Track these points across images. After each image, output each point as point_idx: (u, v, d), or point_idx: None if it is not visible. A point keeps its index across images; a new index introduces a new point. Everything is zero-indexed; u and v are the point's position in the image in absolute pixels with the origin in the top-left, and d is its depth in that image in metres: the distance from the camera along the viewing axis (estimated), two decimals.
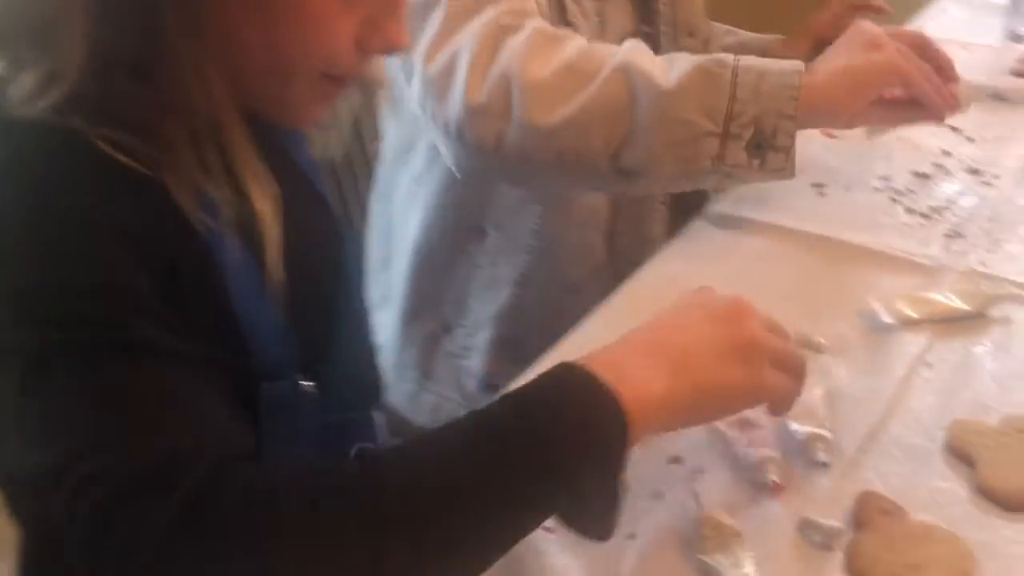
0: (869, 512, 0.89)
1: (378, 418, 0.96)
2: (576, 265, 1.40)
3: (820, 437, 0.94)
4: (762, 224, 1.29)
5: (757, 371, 0.81)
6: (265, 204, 0.76)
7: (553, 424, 0.70)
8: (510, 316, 1.40)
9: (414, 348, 1.45)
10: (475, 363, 1.43)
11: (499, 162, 1.14)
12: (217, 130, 0.75)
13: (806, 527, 0.88)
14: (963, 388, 1.03)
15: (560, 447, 0.70)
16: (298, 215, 0.81)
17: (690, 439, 0.98)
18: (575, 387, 0.73)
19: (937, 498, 0.91)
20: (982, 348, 1.08)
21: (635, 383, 0.73)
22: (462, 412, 1.44)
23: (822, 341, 1.08)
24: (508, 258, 1.38)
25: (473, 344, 1.42)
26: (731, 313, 0.82)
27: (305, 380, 0.83)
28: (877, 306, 1.11)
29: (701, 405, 0.80)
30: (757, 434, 0.96)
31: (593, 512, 0.74)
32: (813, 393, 0.97)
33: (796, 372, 0.86)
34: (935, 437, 0.97)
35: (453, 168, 1.20)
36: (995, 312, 1.11)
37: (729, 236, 1.28)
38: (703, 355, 0.78)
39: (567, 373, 0.74)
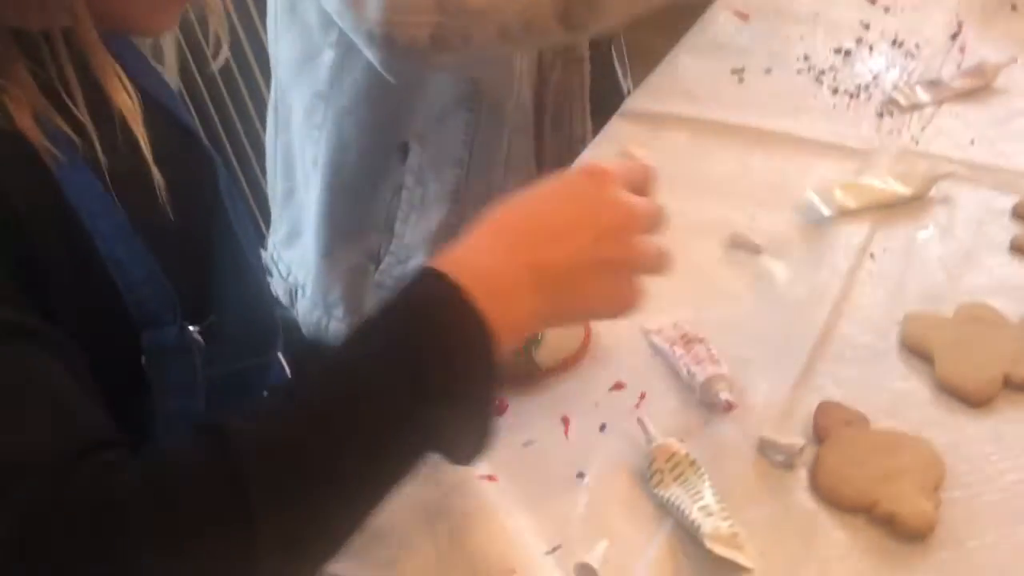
0: (830, 424, 0.83)
1: (277, 363, 0.89)
2: (509, 174, 1.31)
3: (720, 377, 0.86)
4: (683, 117, 1.21)
5: (623, 280, 0.74)
6: (127, 100, 0.70)
7: (421, 352, 0.64)
8: (446, 237, 1.30)
9: (339, 283, 1.35)
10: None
11: (437, 55, 1.07)
12: (70, 33, 0.67)
13: (766, 447, 0.82)
14: (911, 278, 0.97)
15: (429, 372, 0.63)
16: (162, 148, 0.73)
17: (630, 362, 0.91)
18: (442, 306, 0.66)
19: (899, 402, 0.85)
20: (926, 233, 1.02)
21: (502, 305, 0.67)
22: None
23: (759, 242, 1.01)
24: (437, 174, 1.28)
25: (407, 272, 1.33)
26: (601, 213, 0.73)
27: (192, 327, 0.75)
28: (814, 198, 1.05)
29: (565, 316, 0.77)
30: (700, 350, 0.89)
31: (466, 435, 0.67)
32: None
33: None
34: (888, 335, 0.91)
35: (386, 74, 1.11)
36: (936, 193, 1.05)
37: (649, 133, 1.19)
38: (573, 272, 0.71)
39: (434, 289, 0.67)
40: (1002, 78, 1.20)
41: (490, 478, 0.81)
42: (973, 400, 0.85)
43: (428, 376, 0.62)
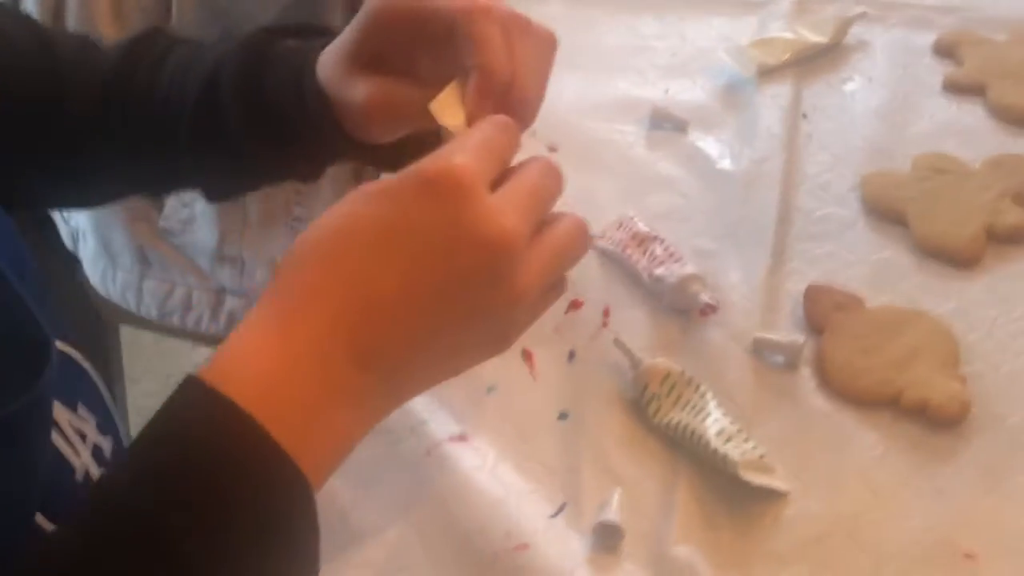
0: (822, 311, 0.74)
1: (46, 403, 0.55)
2: None
3: (694, 277, 0.75)
4: None
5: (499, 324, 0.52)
6: None
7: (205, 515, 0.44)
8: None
9: (120, 229, 1.23)
10: (201, 235, 1.22)
11: None
12: None
13: (762, 347, 0.72)
14: (852, 136, 0.88)
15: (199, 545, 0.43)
16: None
17: (581, 274, 0.79)
18: (218, 449, 0.45)
19: (882, 274, 0.77)
20: (853, 84, 0.93)
21: (313, 425, 0.47)
22: (197, 295, 1.25)
23: (683, 117, 0.90)
24: None
25: (193, 214, 1.21)
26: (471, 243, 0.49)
27: None
28: (728, 60, 0.94)
29: (413, 394, 0.53)
30: (657, 248, 0.78)
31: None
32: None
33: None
34: (848, 201, 0.83)
35: None
36: (851, 39, 0.97)
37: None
38: (416, 349, 0.50)
39: (206, 419, 0.46)
40: None
41: (461, 438, 0.68)
42: (960, 260, 0.77)
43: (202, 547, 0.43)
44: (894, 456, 0.66)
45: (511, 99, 0.57)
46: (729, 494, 0.65)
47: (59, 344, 0.56)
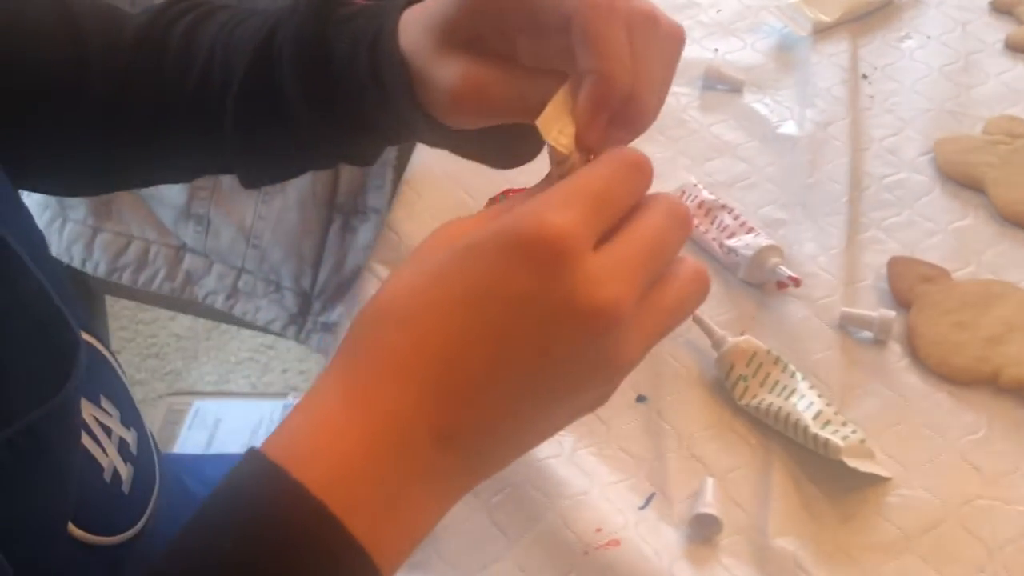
0: (908, 284, 0.70)
1: (75, 408, 0.52)
2: None
3: (772, 248, 0.71)
4: None
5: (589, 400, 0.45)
6: None
7: None
8: None
9: None
10: (169, 189, 1.12)
11: None
12: None
13: (849, 322, 0.68)
14: (917, 97, 0.84)
15: None
16: None
17: None
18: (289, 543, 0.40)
19: (965, 244, 0.73)
20: (912, 43, 0.89)
21: (390, 512, 0.42)
22: (155, 250, 1.16)
23: (738, 77, 0.85)
24: None
25: None
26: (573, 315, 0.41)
27: None
28: (780, 17, 0.89)
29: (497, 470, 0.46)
30: (726, 218, 0.73)
31: None
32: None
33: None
34: (921, 166, 0.79)
35: None
36: None
37: None
38: (502, 426, 0.43)
39: (273, 507, 0.40)
40: None
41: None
42: None
43: None
44: (998, 437, 0.63)
45: (628, 112, 0.48)
46: (827, 480, 0.61)
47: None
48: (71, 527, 0.47)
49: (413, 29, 0.56)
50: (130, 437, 0.56)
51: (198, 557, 0.40)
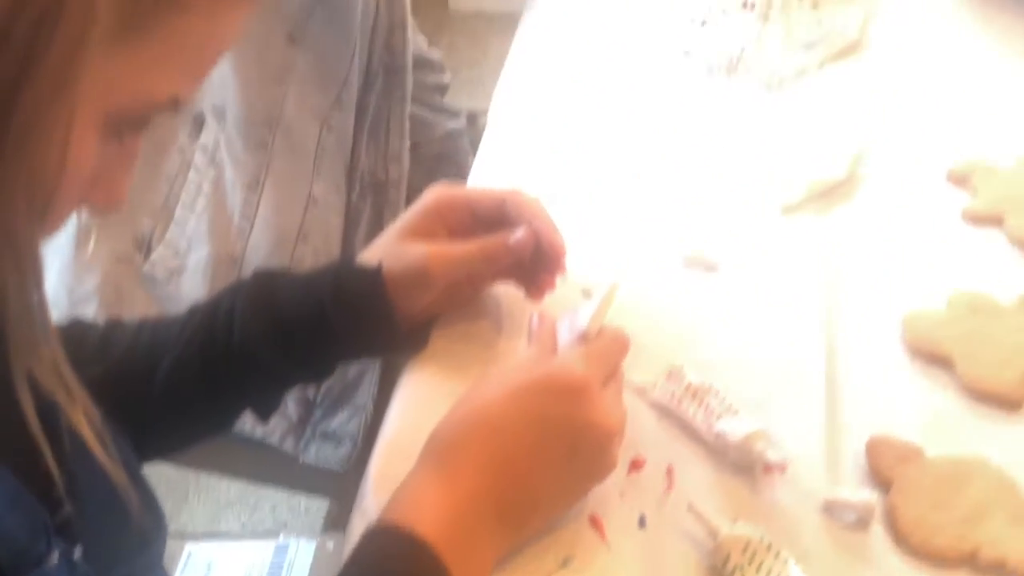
0: (886, 464, 0.74)
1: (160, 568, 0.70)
2: (317, 174, 1.17)
3: (757, 434, 0.75)
4: (555, 116, 1.09)
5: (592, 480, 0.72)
6: None
7: None
8: (236, 229, 1.13)
9: (94, 272, 1.13)
10: (187, 287, 1.15)
11: None
12: None
13: (834, 508, 0.72)
14: (884, 272, 0.90)
15: None
16: None
17: (637, 431, 0.78)
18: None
19: (937, 420, 0.78)
20: (876, 219, 0.95)
21: (466, 555, 0.65)
22: None
23: (713, 258, 0.91)
24: (234, 156, 1.12)
25: (184, 265, 1.14)
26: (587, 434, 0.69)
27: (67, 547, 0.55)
28: (755, 198, 0.95)
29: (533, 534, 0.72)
30: (714, 402, 0.78)
31: None
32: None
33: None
34: (892, 341, 0.84)
35: None
36: (866, 169, 0.99)
37: (518, 170, 1.06)
38: (541, 502, 0.69)
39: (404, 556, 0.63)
40: (867, 29, 1.16)
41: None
42: (1008, 403, 0.79)
43: None
44: None
45: (554, 253, 0.80)
46: None
47: None
48: None
49: (377, 244, 0.82)
50: None
51: None
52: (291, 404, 1.16)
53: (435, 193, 0.83)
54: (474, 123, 1.57)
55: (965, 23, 1.17)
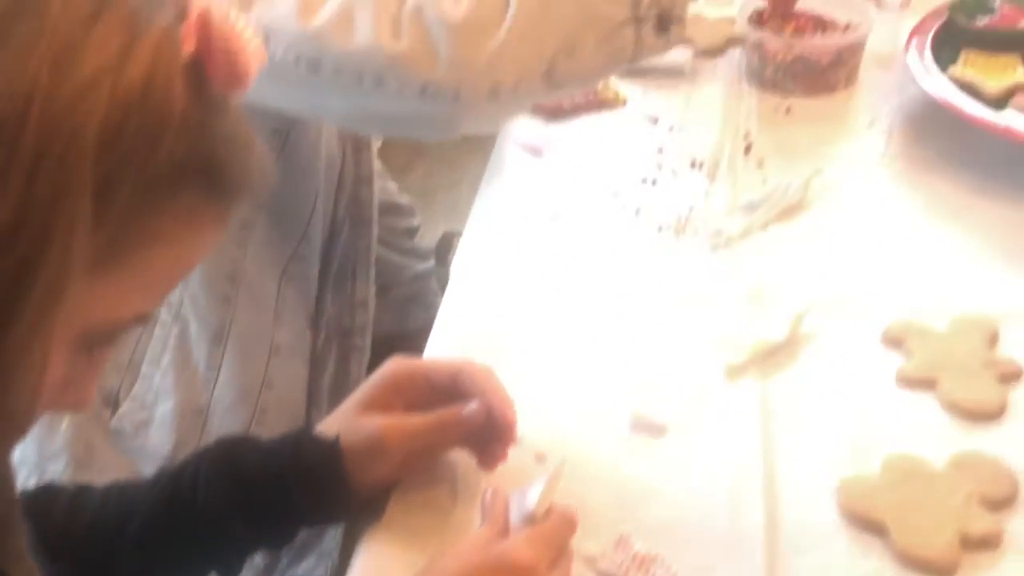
0: None
1: None
2: (280, 324, 1.21)
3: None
4: (513, 280, 1.14)
5: None
6: None
7: None
8: (202, 382, 1.17)
9: (63, 431, 1.16)
10: (155, 439, 1.17)
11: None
12: None
13: None
14: (820, 435, 0.94)
15: None
16: None
17: None
18: None
19: None
20: (815, 380, 0.99)
21: None
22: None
23: (660, 422, 0.95)
24: (198, 311, 1.16)
25: (151, 418, 1.17)
26: None
27: None
28: (699, 360, 1.00)
29: None
30: (660, 572, 0.81)
31: None
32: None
33: None
34: (828, 507, 0.87)
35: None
36: (806, 330, 1.04)
37: (479, 325, 1.11)
38: None
39: None
40: (809, 191, 1.22)
41: None
42: (939, 569, 0.82)
43: None
44: None
45: (505, 425, 0.84)
46: None
47: None
48: None
49: (334, 418, 0.87)
50: None
51: None
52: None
53: (392, 366, 0.88)
54: (450, 244, 1.62)
55: (901, 186, 1.24)
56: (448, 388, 0.87)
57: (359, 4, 0.98)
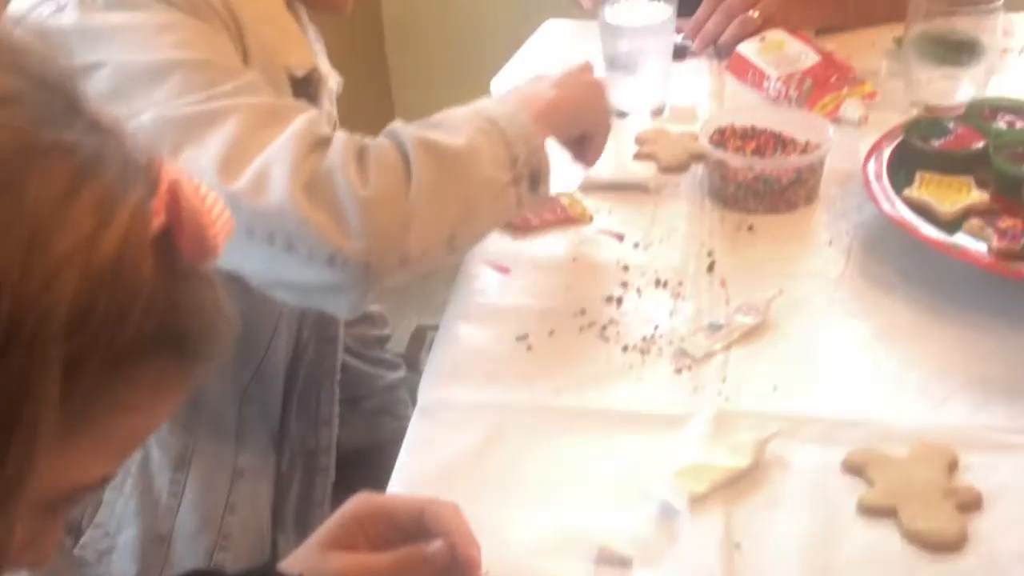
0: None
1: None
2: (243, 447, 1.23)
3: None
4: (479, 405, 1.14)
5: None
6: None
7: None
8: (165, 508, 1.18)
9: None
10: (118, 567, 1.18)
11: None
12: None
13: None
14: (782, 566, 0.94)
15: None
16: None
17: None
18: None
19: None
20: (777, 509, 1.00)
21: None
22: None
23: (626, 554, 0.95)
24: (159, 437, 1.17)
25: (114, 545, 1.18)
26: None
27: None
28: (662, 492, 1.00)
29: None
30: None
31: None
32: None
33: None
34: None
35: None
36: (769, 456, 1.05)
37: (445, 430, 1.11)
38: None
39: None
40: (770, 312, 1.24)
41: None
42: None
43: None
44: None
45: (468, 565, 0.84)
46: None
47: None
48: None
49: (298, 555, 0.86)
50: None
51: None
52: None
53: (356, 503, 0.88)
54: (422, 341, 1.62)
55: (862, 306, 1.26)
56: (412, 526, 0.87)
57: (277, 161, 0.98)
